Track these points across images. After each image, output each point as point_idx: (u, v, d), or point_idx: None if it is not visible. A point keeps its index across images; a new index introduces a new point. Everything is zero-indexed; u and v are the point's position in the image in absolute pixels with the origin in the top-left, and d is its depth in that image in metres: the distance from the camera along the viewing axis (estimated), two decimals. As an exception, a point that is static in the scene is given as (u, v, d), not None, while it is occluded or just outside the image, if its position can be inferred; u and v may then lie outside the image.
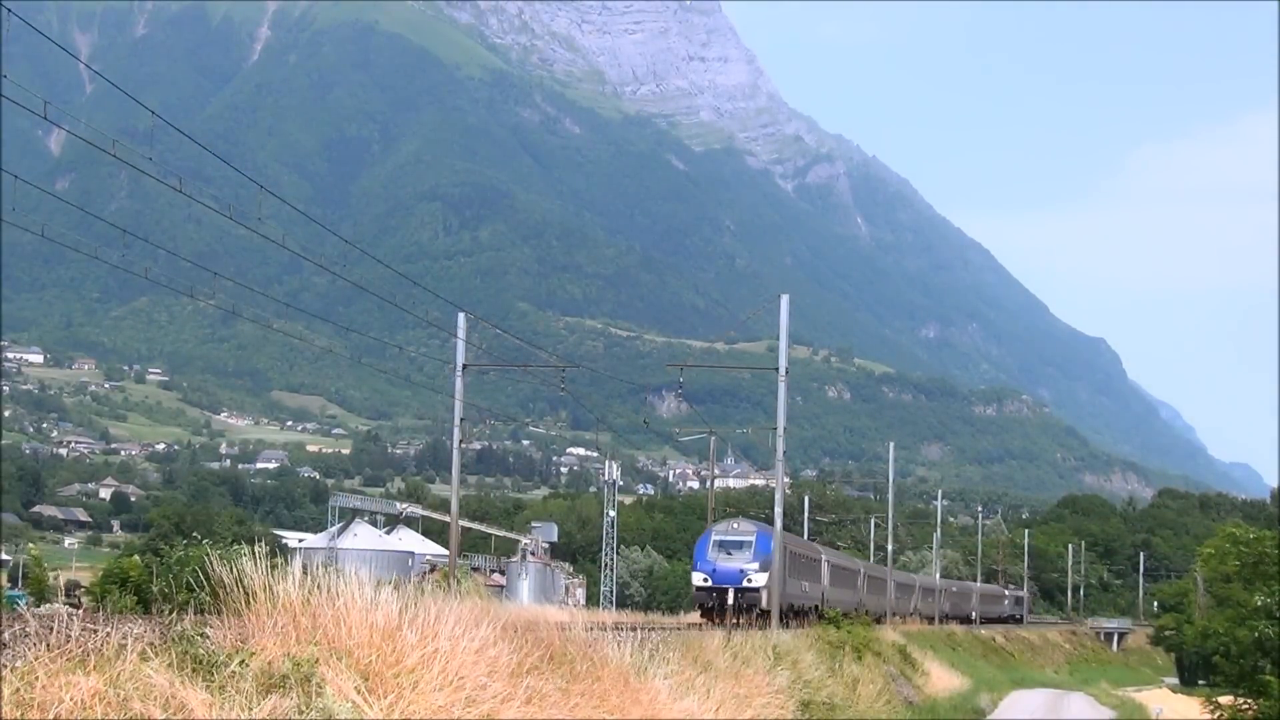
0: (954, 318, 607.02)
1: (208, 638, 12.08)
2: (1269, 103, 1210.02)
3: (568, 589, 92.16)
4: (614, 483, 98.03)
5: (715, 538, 45.81)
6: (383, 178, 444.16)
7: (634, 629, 28.19)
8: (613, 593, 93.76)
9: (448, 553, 48.99)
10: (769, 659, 27.88)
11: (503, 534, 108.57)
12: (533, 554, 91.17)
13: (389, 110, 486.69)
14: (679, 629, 32.07)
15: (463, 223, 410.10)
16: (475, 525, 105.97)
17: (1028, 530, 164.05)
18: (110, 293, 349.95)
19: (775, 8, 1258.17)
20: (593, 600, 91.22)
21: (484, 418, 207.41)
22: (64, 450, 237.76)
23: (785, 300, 42.06)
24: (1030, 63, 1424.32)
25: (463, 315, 42.29)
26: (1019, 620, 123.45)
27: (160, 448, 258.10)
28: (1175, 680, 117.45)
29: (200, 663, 11.51)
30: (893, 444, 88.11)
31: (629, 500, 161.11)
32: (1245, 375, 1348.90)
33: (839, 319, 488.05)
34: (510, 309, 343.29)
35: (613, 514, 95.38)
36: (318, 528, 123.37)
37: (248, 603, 13.68)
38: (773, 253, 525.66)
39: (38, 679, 9.99)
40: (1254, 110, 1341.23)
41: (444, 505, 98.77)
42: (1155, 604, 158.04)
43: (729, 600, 43.61)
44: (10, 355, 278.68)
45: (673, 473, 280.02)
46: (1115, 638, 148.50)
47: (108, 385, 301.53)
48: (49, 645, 10.70)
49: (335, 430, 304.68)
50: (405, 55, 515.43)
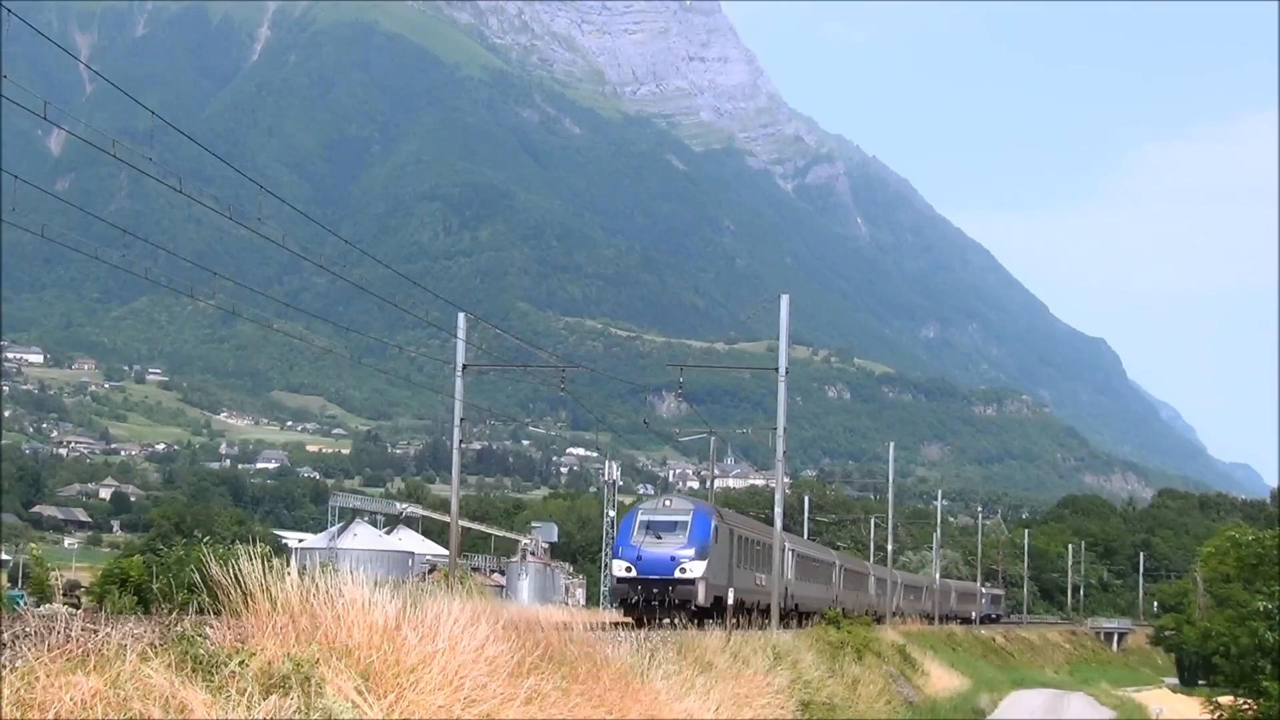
0: (954, 318, 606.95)
1: (208, 638, 12.09)
2: (1269, 103, 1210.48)
3: (568, 589, 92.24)
4: (614, 483, 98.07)
5: (642, 518, 38.09)
6: (383, 178, 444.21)
7: (634, 629, 28.21)
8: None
9: (448, 553, 49.00)
10: (769, 659, 27.88)
11: (503, 534, 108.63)
12: (532, 554, 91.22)
13: (389, 110, 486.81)
14: (674, 629, 32.05)
15: (463, 223, 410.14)
16: (475, 525, 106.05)
17: (1028, 530, 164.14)
18: (110, 293, 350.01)
19: (775, 8, 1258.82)
20: (593, 600, 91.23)
21: (484, 418, 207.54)
22: (64, 450, 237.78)
23: (785, 300, 42.04)
24: (1030, 63, 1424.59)
25: (463, 315, 42.28)
26: (995, 620, 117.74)
27: (160, 448, 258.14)
28: (1175, 680, 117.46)
29: (200, 663, 11.51)
30: (893, 444, 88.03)
31: (629, 500, 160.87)
32: (1245, 375, 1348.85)
33: (839, 319, 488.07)
34: (510, 309, 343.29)
35: (612, 514, 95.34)
36: (318, 528, 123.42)
37: (247, 603, 13.69)
38: (773, 253, 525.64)
39: (38, 679, 10.00)
40: (1254, 110, 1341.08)
41: (444, 505, 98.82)
42: (1155, 604, 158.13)
43: (658, 595, 36.07)
44: (10, 355, 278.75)
45: (673, 473, 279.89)
46: (1115, 638, 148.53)
47: (108, 385, 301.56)
48: (49, 645, 10.70)
49: (335, 430, 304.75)
50: (405, 55, 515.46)
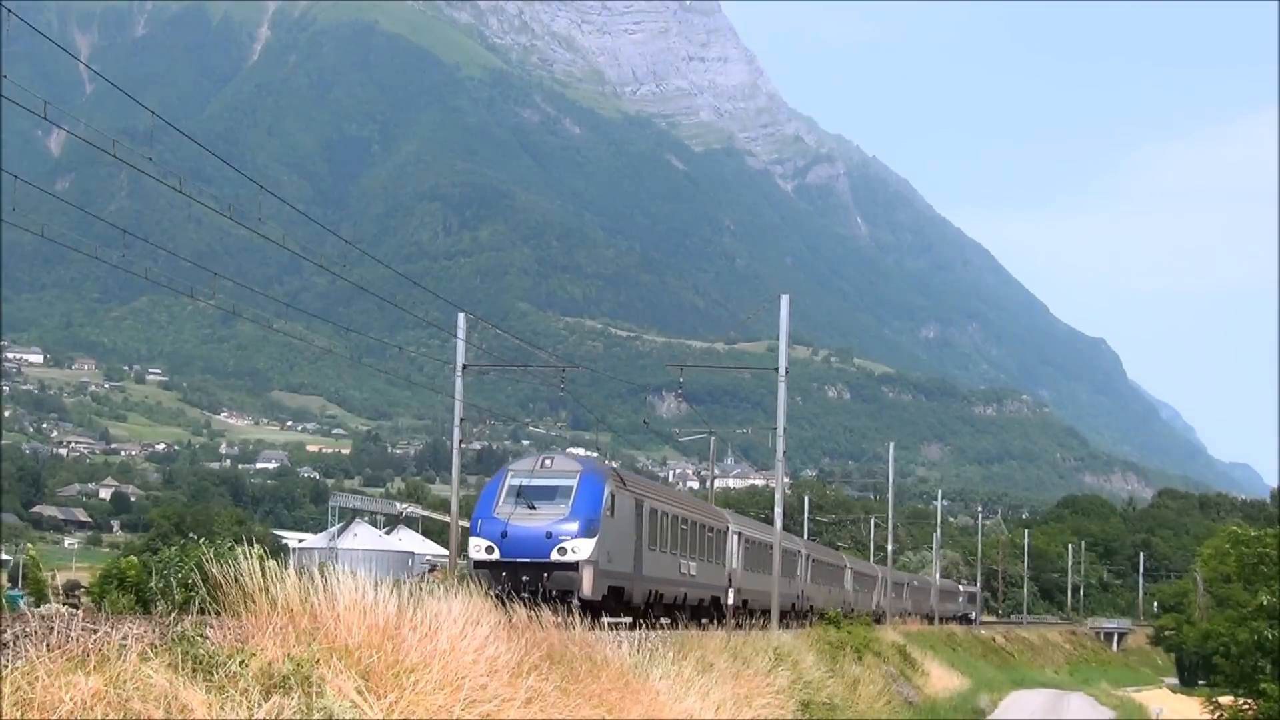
0: (954, 318, 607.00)
1: (208, 638, 12.09)
2: (1269, 103, 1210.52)
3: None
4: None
5: (511, 481, 28.82)
6: (383, 178, 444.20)
7: (634, 629, 28.20)
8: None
9: (448, 553, 48.99)
10: (769, 659, 27.88)
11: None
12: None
13: (389, 110, 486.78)
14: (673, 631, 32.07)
15: (463, 223, 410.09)
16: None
17: (1028, 530, 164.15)
18: (110, 293, 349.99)
19: (775, 8, 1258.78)
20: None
21: (484, 418, 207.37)
22: (64, 450, 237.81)
23: (785, 300, 42.01)
24: (1030, 63, 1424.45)
25: (463, 315, 42.28)
26: (968, 620, 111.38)
27: (160, 448, 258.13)
28: (1175, 680, 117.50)
29: (200, 663, 11.51)
30: (893, 444, 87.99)
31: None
32: (1245, 375, 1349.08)
33: (839, 319, 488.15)
34: (510, 309, 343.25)
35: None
36: (318, 528, 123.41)
37: (247, 603, 13.69)
38: (773, 253, 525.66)
39: (38, 679, 10.00)
40: (1253, 110, 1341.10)
41: (444, 505, 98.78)
42: (1155, 604, 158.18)
43: (528, 585, 26.88)
44: (10, 355, 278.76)
45: (673, 473, 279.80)
46: (1115, 638, 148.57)
47: (108, 385, 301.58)
48: (49, 645, 10.70)
49: (335, 430, 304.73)
50: (405, 55, 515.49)
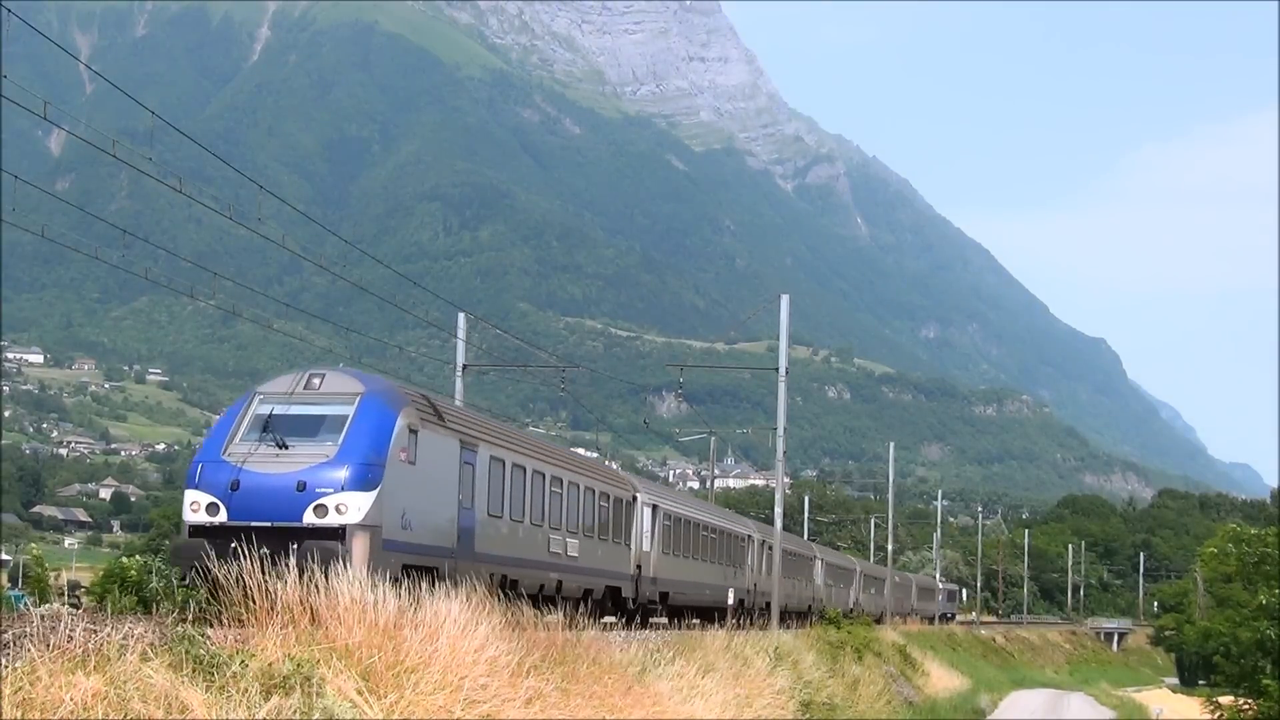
0: (954, 318, 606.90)
1: (209, 638, 12.08)
2: (1268, 103, 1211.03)
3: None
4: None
5: (259, 407, 20.41)
6: (383, 178, 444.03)
7: (634, 629, 28.18)
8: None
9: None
10: (770, 660, 27.88)
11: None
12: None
13: (389, 110, 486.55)
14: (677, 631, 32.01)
15: (463, 223, 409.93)
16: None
17: (1028, 530, 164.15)
18: (110, 293, 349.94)
19: (775, 8, 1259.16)
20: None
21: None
22: (64, 450, 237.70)
23: (785, 300, 41.99)
24: (1030, 63, 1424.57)
25: (463, 315, 42.24)
26: (949, 619, 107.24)
27: (160, 448, 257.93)
28: (1175, 680, 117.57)
29: (201, 663, 11.51)
30: (893, 444, 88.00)
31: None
32: (1245, 375, 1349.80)
33: (839, 319, 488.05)
34: (510, 309, 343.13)
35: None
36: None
37: (247, 604, 13.68)
38: (773, 253, 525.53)
39: (39, 679, 9.99)
40: (1253, 110, 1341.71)
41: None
42: (1155, 604, 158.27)
43: (271, 557, 15.89)
44: (10, 355, 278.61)
45: (673, 473, 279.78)
46: (1115, 638, 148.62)
47: (108, 385, 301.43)
48: (50, 645, 10.70)
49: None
50: (405, 55, 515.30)
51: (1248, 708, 45.25)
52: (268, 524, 19.10)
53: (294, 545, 18.52)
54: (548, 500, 26.34)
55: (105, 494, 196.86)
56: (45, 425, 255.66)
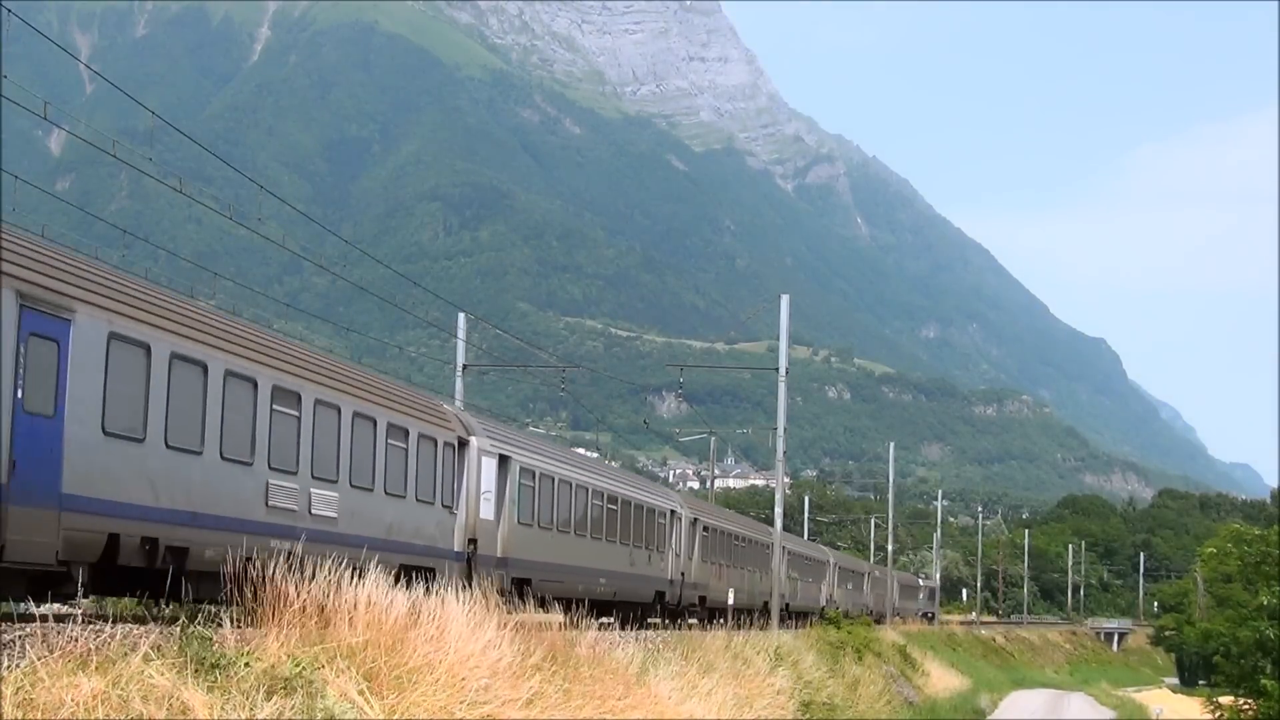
0: (954, 318, 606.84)
1: (211, 639, 12.07)
2: (1269, 103, 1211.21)
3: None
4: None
5: None
6: (383, 178, 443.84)
7: (635, 629, 28.17)
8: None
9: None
10: (770, 660, 27.88)
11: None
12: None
13: (389, 110, 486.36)
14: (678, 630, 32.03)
15: (463, 223, 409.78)
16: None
17: (1028, 530, 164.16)
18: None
19: (775, 8, 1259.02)
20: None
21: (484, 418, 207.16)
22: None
23: (785, 300, 42.04)
24: (1030, 63, 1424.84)
25: (463, 315, 42.26)
26: (929, 618, 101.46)
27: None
28: (1175, 680, 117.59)
29: (203, 664, 11.49)
30: (893, 444, 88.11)
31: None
32: (1245, 375, 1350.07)
33: (839, 319, 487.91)
34: (510, 309, 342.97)
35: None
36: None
37: (249, 603, 13.67)
38: (773, 253, 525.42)
39: (40, 679, 9.98)
40: (1253, 110, 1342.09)
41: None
42: (1155, 604, 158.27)
43: None
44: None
45: (673, 473, 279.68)
46: (1115, 638, 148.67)
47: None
48: (52, 645, 10.68)
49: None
50: (405, 55, 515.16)
51: (1248, 708, 45.22)
52: None
53: None
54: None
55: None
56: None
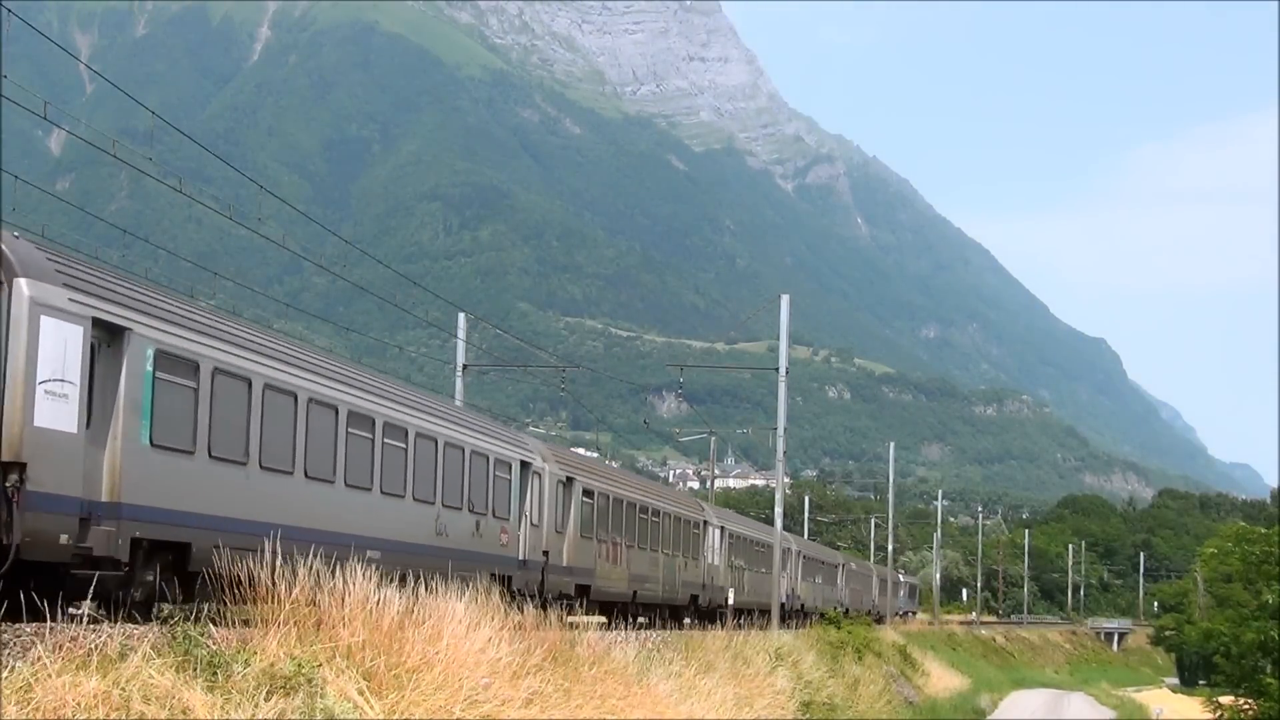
0: (954, 318, 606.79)
1: (211, 638, 12.07)
2: (1268, 103, 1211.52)
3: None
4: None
5: None
6: (383, 178, 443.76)
7: (635, 629, 28.17)
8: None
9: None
10: (770, 660, 27.87)
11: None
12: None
13: (389, 110, 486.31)
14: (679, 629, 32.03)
15: (463, 223, 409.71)
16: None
17: (1028, 530, 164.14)
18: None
19: (775, 8, 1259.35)
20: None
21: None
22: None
23: (785, 300, 42.04)
24: (1030, 63, 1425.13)
25: (463, 315, 42.26)
26: (909, 616, 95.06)
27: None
28: (1176, 680, 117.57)
29: (203, 664, 11.49)
30: (893, 444, 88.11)
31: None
32: (1245, 375, 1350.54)
33: (839, 319, 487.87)
34: (510, 309, 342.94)
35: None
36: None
37: (250, 603, 13.66)
38: (773, 253, 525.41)
39: (40, 680, 9.98)
40: (1253, 110, 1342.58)
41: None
42: (1155, 604, 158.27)
43: None
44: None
45: (673, 473, 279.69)
46: (1115, 638, 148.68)
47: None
48: (52, 645, 10.68)
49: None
50: (405, 55, 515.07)
51: (1248, 708, 45.18)
52: None
53: None
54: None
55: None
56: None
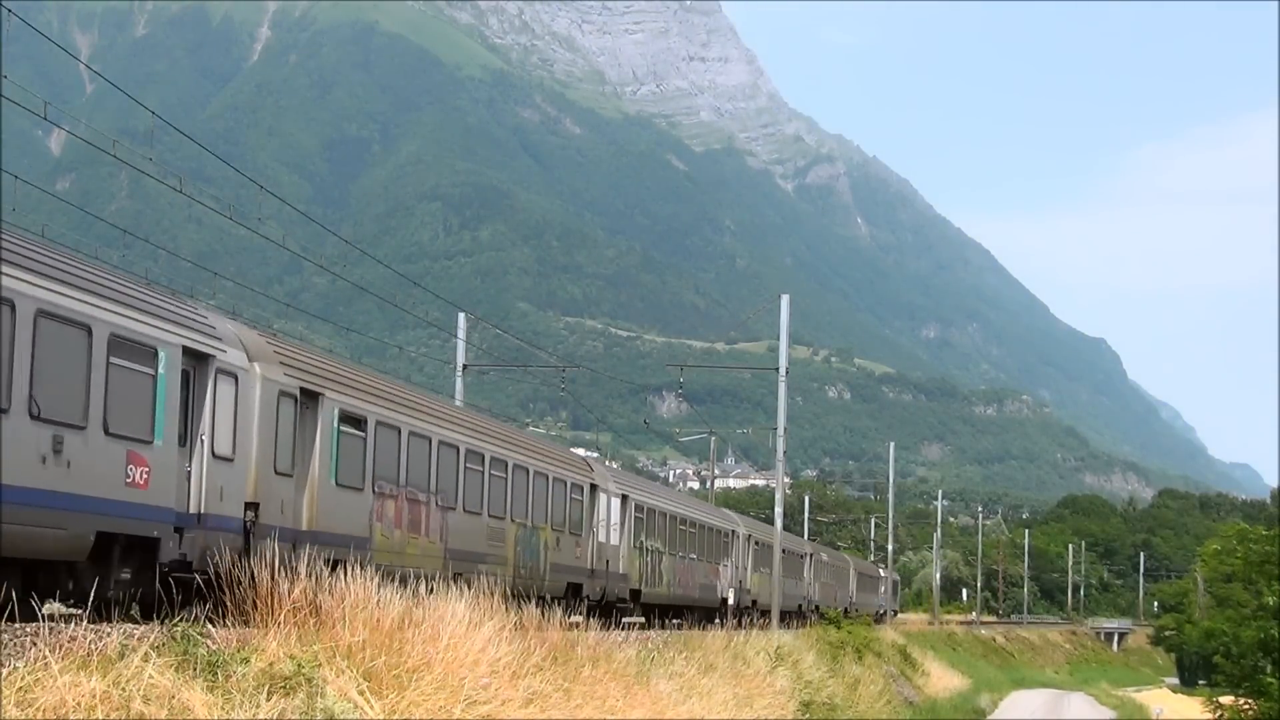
0: (954, 318, 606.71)
1: (210, 638, 12.06)
2: (1268, 103, 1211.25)
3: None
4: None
5: None
6: (383, 178, 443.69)
7: (636, 629, 28.17)
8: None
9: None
10: (770, 660, 27.86)
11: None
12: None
13: (389, 110, 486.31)
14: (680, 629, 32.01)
15: (463, 223, 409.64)
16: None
17: (1028, 530, 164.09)
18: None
19: (775, 8, 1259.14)
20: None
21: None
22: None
23: (785, 300, 42.06)
24: (1030, 63, 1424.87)
25: (463, 315, 42.26)
26: (890, 615, 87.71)
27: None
28: (1175, 680, 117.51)
29: (203, 664, 11.49)
30: (893, 444, 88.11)
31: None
32: (1245, 375, 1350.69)
33: (839, 319, 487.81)
34: (510, 309, 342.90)
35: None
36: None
37: (250, 603, 13.66)
38: (773, 253, 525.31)
39: (40, 680, 9.97)
40: (1253, 110, 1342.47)
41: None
42: (1155, 604, 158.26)
43: None
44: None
45: (673, 473, 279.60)
46: (1115, 638, 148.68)
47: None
48: (52, 645, 10.67)
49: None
50: (405, 55, 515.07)
51: (1249, 708, 45.17)
52: None
53: None
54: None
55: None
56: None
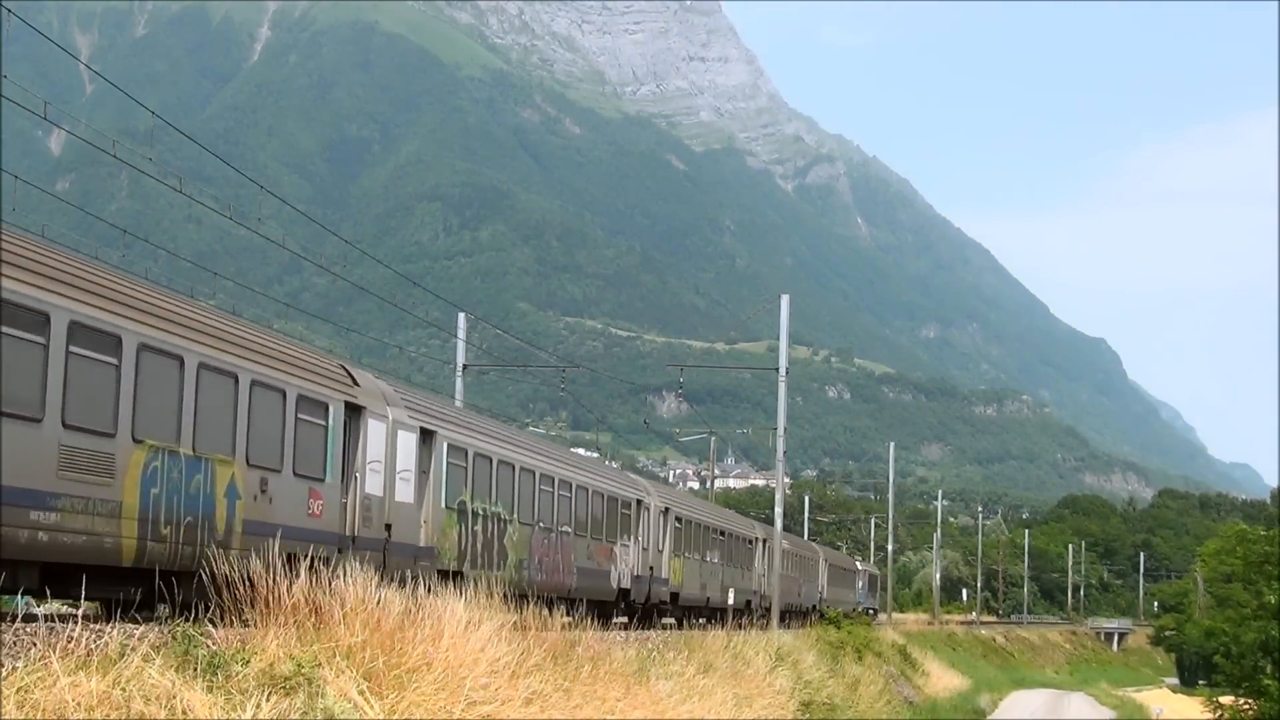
0: (954, 318, 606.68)
1: (211, 638, 12.06)
2: (1268, 103, 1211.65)
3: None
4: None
5: None
6: (383, 178, 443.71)
7: (636, 629, 28.17)
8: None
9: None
10: (770, 660, 27.86)
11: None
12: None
13: (389, 110, 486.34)
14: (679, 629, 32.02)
15: (463, 223, 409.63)
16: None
17: (1028, 530, 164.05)
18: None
19: (775, 8, 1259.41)
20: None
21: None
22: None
23: (785, 300, 42.05)
24: (1030, 63, 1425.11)
25: (463, 315, 42.25)
26: (872, 613, 79.99)
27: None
28: (1175, 680, 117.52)
29: (203, 664, 11.49)
30: (893, 444, 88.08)
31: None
32: (1245, 375, 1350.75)
33: (839, 319, 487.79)
34: (510, 309, 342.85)
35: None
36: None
37: (250, 603, 13.66)
38: (773, 253, 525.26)
39: (40, 680, 9.98)
40: (1253, 110, 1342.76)
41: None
42: (1155, 604, 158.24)
43: None
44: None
45: (673, 473, 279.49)
46: (1115, 638, 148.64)
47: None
48: (52, 646, 10.68)
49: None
50: (405, 55, 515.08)
51: (1248, 708, 45.20)
52: None
53: None
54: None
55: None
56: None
